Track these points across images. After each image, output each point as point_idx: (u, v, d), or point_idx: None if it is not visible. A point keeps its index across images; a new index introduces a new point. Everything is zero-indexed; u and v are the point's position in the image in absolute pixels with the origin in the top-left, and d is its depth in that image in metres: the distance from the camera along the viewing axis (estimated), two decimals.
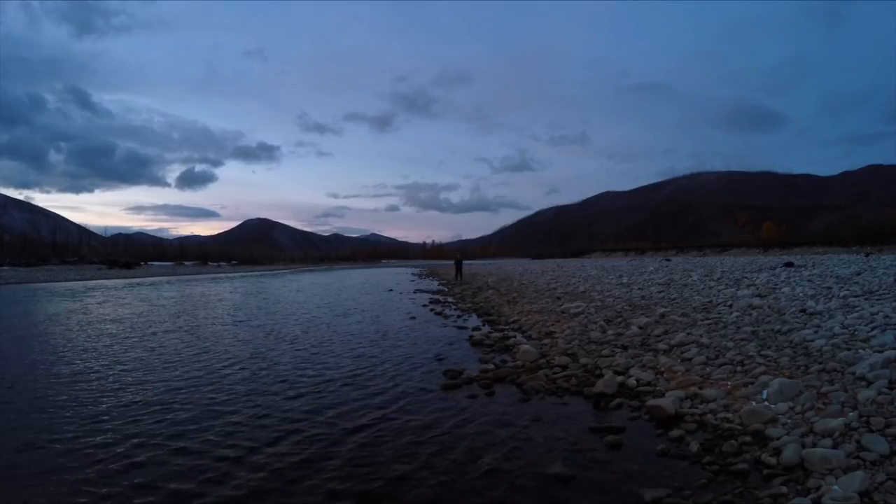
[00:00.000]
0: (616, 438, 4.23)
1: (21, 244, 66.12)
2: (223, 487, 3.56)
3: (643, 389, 5.35)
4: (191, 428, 4.74)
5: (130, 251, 79.76)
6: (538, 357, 7.10)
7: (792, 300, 8.79)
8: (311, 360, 7.85)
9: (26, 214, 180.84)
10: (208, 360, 7.84)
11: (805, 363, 5.15)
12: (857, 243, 37.84)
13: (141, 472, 3.81)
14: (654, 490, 3.30)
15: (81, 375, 6.84)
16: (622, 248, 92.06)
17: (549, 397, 5.54)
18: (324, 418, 5.03)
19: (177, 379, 6.62)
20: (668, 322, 8.44)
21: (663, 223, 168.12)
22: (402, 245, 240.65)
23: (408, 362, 7.60)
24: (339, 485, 3.61)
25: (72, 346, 9.15)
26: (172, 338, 9.98)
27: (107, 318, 13.43)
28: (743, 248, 56.26)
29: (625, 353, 6.85)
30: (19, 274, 39.91)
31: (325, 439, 4.45)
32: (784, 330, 6.63)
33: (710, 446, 3.86)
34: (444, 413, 5.15)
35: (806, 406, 4.06)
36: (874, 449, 3.22)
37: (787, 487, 3.13)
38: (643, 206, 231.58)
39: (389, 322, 12.47)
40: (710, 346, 6.47)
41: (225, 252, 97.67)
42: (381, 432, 4.63)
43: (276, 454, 4.13)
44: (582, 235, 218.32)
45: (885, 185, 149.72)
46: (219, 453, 4.14)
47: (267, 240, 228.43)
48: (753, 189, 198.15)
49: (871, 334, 5.54)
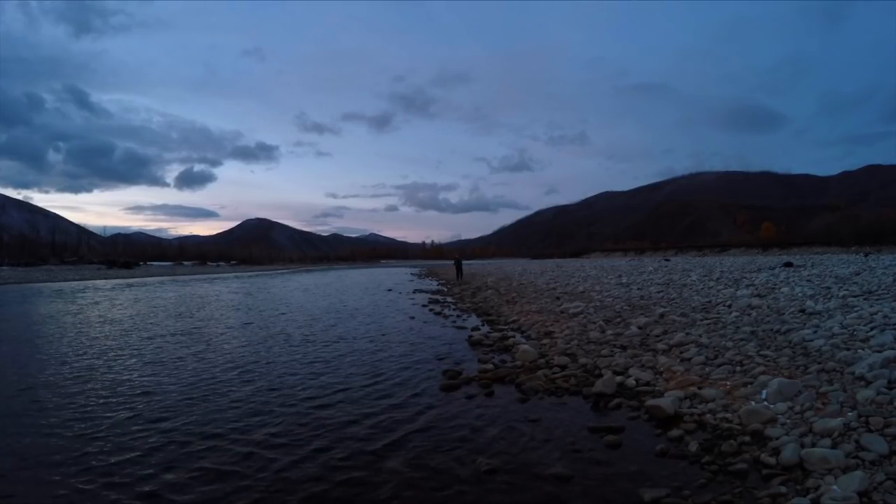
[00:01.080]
0: (615, 438, 4.22)
1: (20, 244, 66.00)
2: (220, 487, 3.55)
3: (642, 389, 5.35)
4: (181, 425, 4.73)
5: (129, 251, 79.68)
6: (537, 357, 7.10)
7: (791, 300, 8.79)
8: (310, 360, 7.83)
9: (25, 214, 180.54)
10: (205, 360, 7.83)
11: (804, 363, 5.15)
12: (857, 243, 37.92)
13: (137, 473, 3.80)
14: (653, 490, 3.29)
15: (76, 378, 6.83)
16: (621, 249, 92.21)
17: (548, 397, 5.54)
18: (321, 418, 5.01)
19: (175, 379, 6.61)
20: (668, 322, 8.44)
21: (662, 223, 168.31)
22: (401, 245, 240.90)
23: (407, 362, 7.60)
24: (337, 485, 3.60)
25: (70, 346, 9.13)
26: (171, 338, 9.97)
27: (106, 320, 13.41)
28: (742, 248, 56.41)
29: (624, 353, 6.85)
30: (18, 274, 39.86)
31: (322, 439, 4.44)
32: (783, 330, 6.63)
33: (710, 446, 3.85)
34: (442, 413, 5.14)
35: (805, 406, 4.05)
36: (873, 449, 3.22)
37: (787, 487, 3.12)
38: (642, 206, 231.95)
39: (389, 322, 12.46)
40: (710, 346, 6.46)
41: (224, 252, 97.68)
42: (380, 432, 4.62)
43: (272, 453, 4.11)
44: (581, 235, 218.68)
45: (885, 185, 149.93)
46: (216, 452, 4.13)
47: (266, 240, 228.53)
48: (752, 189, 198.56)
49: (870, 334, 5.55)
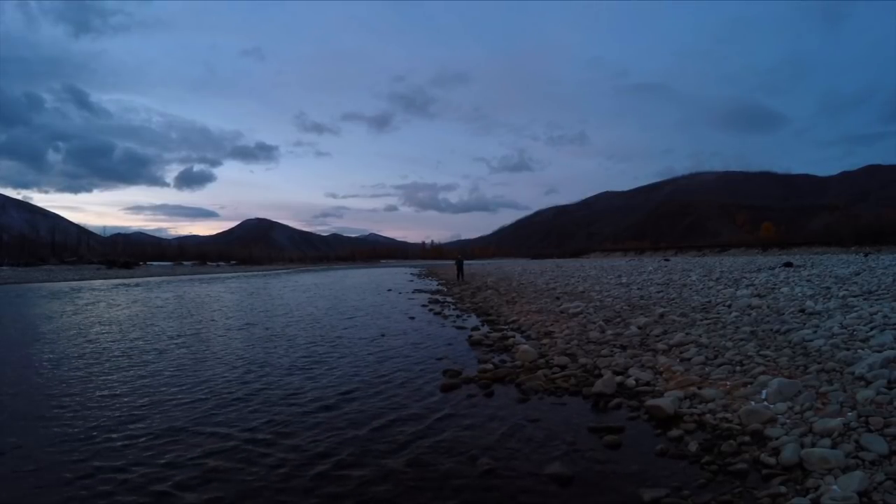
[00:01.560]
0: (615, 438, 4.23)
1: (20, 244, 65.98)
2: (220, 487, 3.55)
3: (642, 389, 5.35)
4: (180, 425, 4.73)
5: (129, 251, 79.59)
6: (537, 357, 7.09)
7: (791, 300, 8.79)
8: (310, 360, 7.83)
9: (25, 214, 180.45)
10: (204, 360, 7.83)
11: (804, 363, 5.15)
12: (856, 243, 37.91)
13: (138, 473, 3.80)
14: (652, 490, 3.29)
15: (76, 377, 6.83)
16: (621, 249, 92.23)
17: (547, 397, 5.54)
18: (321, 418, 5.02)
19: (174, 379, 6.61)
20: (667, 322, 8.44)
21: (662, 223, 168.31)
22: (401, 245, 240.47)
23: (407, 362, 7.60)
24: (336, 485, 3.59)
25: (69, 347, 9.14)
26: (171, 339, 9.96)
27: (105, 320, 13.41)
28: (742, 249, 56.42)
29: (624, 353, 6.84)
30: (18, 274, 39.86)
31: (322, 440, 4.44)
32: (783, 330, 6.63)
33: (709, 446, 3.85)
34: (442, 413, 5.14)
35: (805, 406, 4.05)
36: (873, 449, 3.22)
37: (786, 487, 3.12)
38: (642, 206, 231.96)
39: (389, 322, 12.46)
40: (709, 346, 6.46)
41: (224, 252, 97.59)
42: (380, 432, 4.62)
43: (272, 454, 4.11)
44: (581, 235, 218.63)
45: (884, 185, 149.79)
46: (212, 452, 4.12)
47: (266, 240, 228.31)
48: (752, 189, 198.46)
49: (869, 334, 5.54)
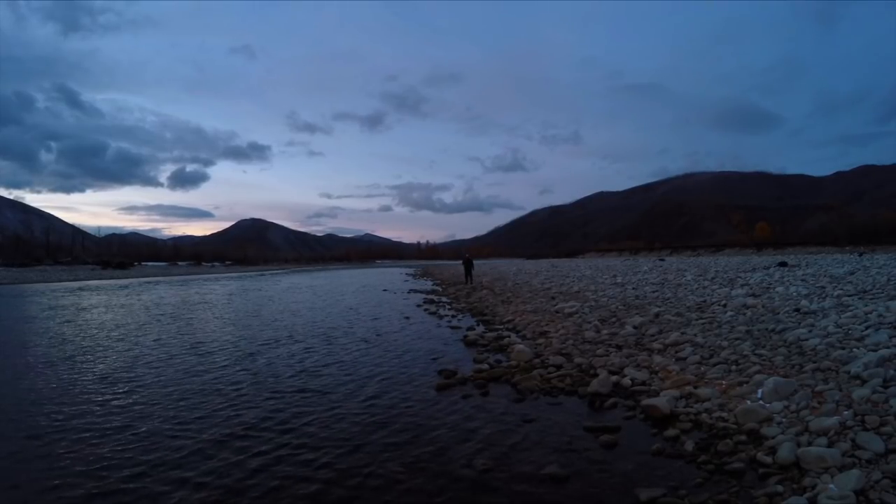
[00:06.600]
0: (611, 438, 4.21)
1: (14, 244, 65.35)
2: (218, 486, 3.50)
3: (638, 389, 5.34)
4: (179, 425, 4.68)
5: (124, 251, 79.01)
6: (533, 357, 7.07)
7: (786, 299, 8.81)
8: (305, 361, 7.78)
9: (20, 214, 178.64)
10: (200, 360, 7.77)
11: (800, 362, 5.15)
12: (851, 243, 38.07)
13: (137, 474, 3.75)
14: (649, 490, 3.27)
15: (76, 377, 6.77)
16: (616, 249, 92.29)
17: (543, 397, 5.52)
18: (317, 419, 4.97)
19: (171, 379, 6.54)
20: (663, 321, 8.44)
21: (657, 223, 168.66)
22: (396, 245, 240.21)
23: (402, 362, 7.56)
24: (332, 485, 3.56)
25: (68, 347, 9.05)
26: (166, 339, 9.89)
27: (101, 321, 13.29)
28: (737, 248, 56.55)
29: (619, 352, 6.83)
30: (12, 274, 39.48)
31: (317, 440, 4.40)
32: (778, 329, 6.63)
33: (706, 445, 3.84)
34: (438, 413, 5.11)
35: (801, 405, 4.05)
36: (869, 447, 3.22)
37: (783, 486, 3.11)
38: (637, 206, 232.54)
39: (384, 322, 12.41)
40: (705, 345, 6.46)
41: (219, 252, 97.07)
42: (375, 432, 4.58)
43: (268, 453, 4.07)
44: (576, 235, 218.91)
45: (879, 185, 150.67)
46: (205, 449, 4.08)
47: (261, 240, 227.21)
48: (747, 189, 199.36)
49: (865, 333, 5.56)
